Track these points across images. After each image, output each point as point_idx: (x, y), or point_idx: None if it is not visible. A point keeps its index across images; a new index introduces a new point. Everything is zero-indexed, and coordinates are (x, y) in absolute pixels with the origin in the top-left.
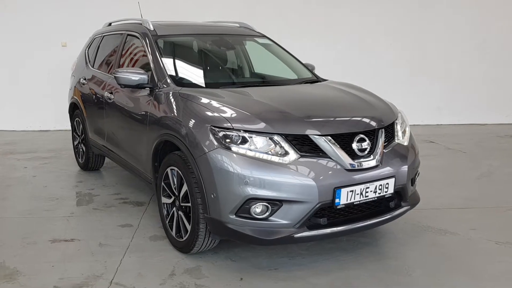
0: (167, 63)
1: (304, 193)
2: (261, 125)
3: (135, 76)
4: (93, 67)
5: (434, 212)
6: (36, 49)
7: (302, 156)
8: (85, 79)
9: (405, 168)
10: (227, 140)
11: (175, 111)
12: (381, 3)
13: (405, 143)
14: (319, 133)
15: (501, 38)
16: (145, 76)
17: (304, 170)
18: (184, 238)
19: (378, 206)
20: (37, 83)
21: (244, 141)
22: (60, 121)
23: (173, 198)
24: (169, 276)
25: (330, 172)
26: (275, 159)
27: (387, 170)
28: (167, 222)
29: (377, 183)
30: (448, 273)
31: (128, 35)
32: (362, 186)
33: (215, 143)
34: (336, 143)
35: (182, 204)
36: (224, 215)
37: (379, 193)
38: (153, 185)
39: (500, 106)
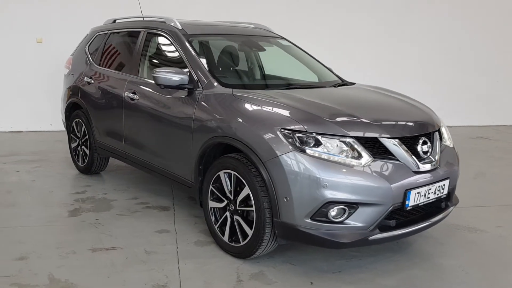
0: (205, 63)
1: (380, 196)
2: (333, 128)
3: (176, 76)
4: (100, 65)
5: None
6: (8, 45)
7: (374, 159)
8: (90, 78)
9: (456, 169)
10: (301, 143)
11: (232, 113)
12: (364, 10)
13: (451, 145)
14: (389, 136)
15: (474, 46)
16: (186, 77)
17: (379, 173)
18: (243, 243)
19: (431, 207)
20: (9, 81)
21: (317, 143)
22: (33, 121)
23: (225, 202)
24: (237, 283)
25: (400, 175)
26: (351, 161)
27: (443, 171)
28: (216, 227)
29: (437, 185)
30: (501, 271)
31: (148, 33)
32: (426, 188)
33: (289, 146)
34: (404, 146)
35: (239, 208)
36: (299, 219)
37: (437, 194)
38: (194, 188)
39: (463, 109)
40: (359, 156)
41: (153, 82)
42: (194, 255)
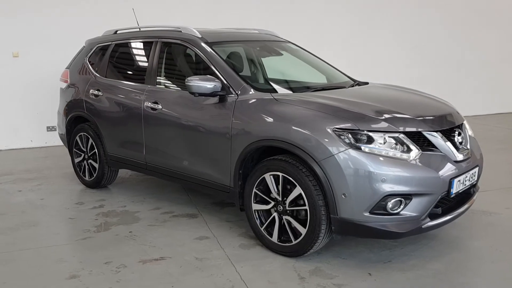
0: (234, 70)
1: (431, 185)
2: (383, 125)
3: (209, 84)
4: (106, 77)
5: None
6: None
7: (422, 152)
8: (98, 90)
9: (482, 157)
10: (355, 141)
11: (278, 116)
12: (335, 13)
13: (473, 135)
14: (432, 129)
15: (431, 44)
16: (218, 84)
17: (428, 164)
18: (295, 242)
19: (462, 194)
20: None
21: (369, 140)
22: (12, 139)
23: (271, 203)
24: (300, 280)
25: (445, 165)
26: (402, 155)
27: (474, 160)
28: (262, 228)
29: (470, 172)
30: None
31: (163, 42)
32: (464, 176)
33: (343, 144)
34: (445, 138)
35: (289, 208)
36: (358, 214)
37: (471, 182)
38: (233, 193)
39: None
40: (409, 149)
41: (176, 90)
42: (246, 258)
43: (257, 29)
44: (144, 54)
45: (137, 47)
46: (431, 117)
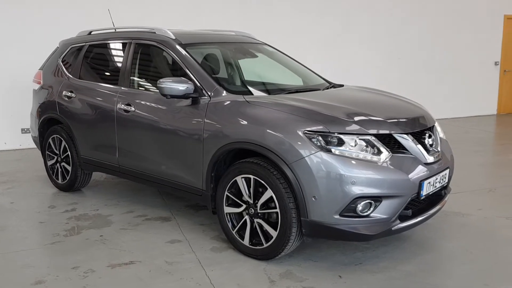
0: (207, 71)
1: (401, 188)
2: (354, 127)
3: (181, 85)
4: (80, 78)
5: None
6: None
7: (392, 154)
8: (71, 91)
9: (452, 159)
10: (326, 143)
11: (250, 119)
12: (312, 17)
13: (444, 137)
14: (402, 132)
15: (407, 48)
16: (191, 86)
17: (398, 166)
18: (266, 245)
19: (433, 196)
20: None
21: (340, 143)
22: None
23: (243, 206)
24: (270, 283)
25: (415, 167)
26: (373, 158)
27: (445, 161)
28: (234, 232)
29: (441, 174)
30: (501, 247)
31: (137, 44)
32: (434, 178)
33: (314, 147)
34: (415, 140)
35: (260, 211)
36: (328, 216)
37: (441, 183)
38: (205, 196)
39: None
40: (379, 152)
41: (149, 92)
42: (216, 261)
43: (233, 31)
44: (118, 55)
45: (111, 48)
46: (402, 120)
